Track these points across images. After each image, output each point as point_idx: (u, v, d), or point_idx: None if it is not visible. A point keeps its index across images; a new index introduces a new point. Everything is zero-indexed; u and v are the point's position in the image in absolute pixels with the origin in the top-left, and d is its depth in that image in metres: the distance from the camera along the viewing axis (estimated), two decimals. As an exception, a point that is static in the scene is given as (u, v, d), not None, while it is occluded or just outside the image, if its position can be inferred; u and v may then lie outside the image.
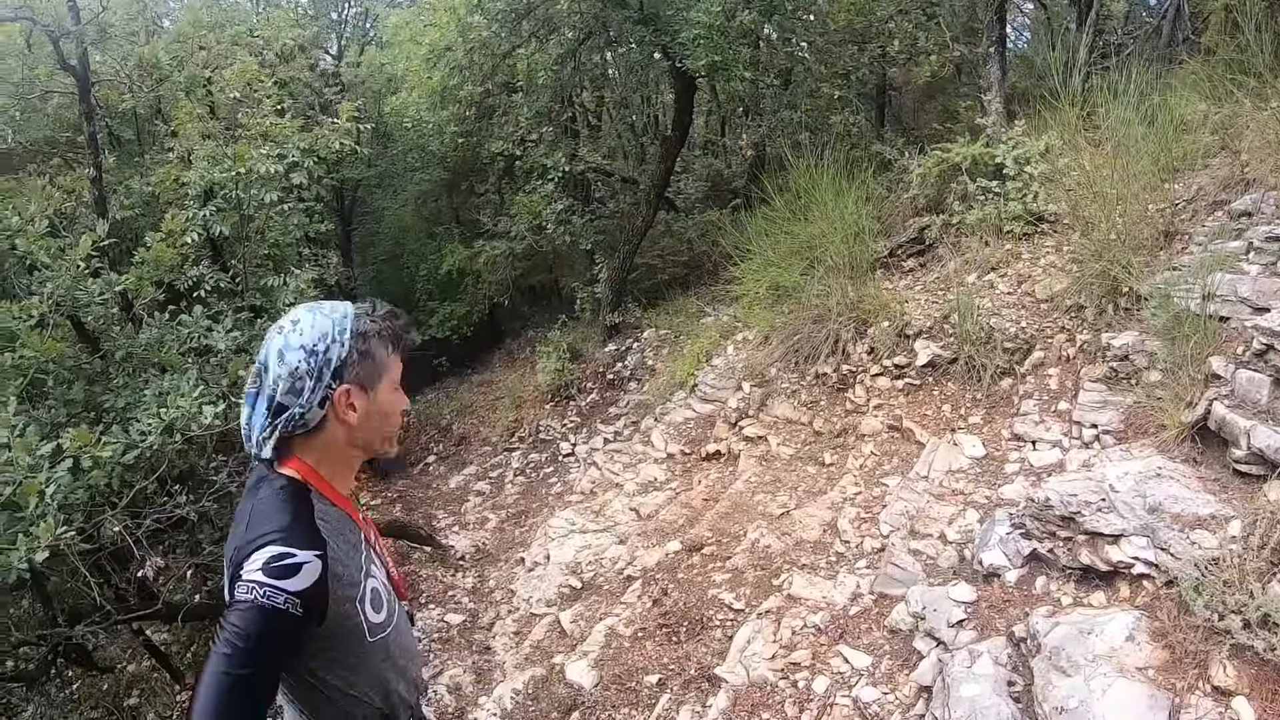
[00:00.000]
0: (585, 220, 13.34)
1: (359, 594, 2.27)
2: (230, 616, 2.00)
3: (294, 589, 2.03)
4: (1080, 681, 3.81)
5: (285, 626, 2.02)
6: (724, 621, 5.96)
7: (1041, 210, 8.01)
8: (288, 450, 2.27)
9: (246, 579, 2.02)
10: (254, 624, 1.98)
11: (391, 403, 2.35)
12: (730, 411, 8.61)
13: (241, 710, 1.94)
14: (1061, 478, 5.18)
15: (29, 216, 6.08)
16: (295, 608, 2.02)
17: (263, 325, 7.80)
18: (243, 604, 2.00)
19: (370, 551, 2.40)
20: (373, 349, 2.27)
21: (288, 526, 2.13)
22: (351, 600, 2.23)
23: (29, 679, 7.59)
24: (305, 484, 2.28)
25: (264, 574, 2.02)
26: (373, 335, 2.28)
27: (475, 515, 10.14)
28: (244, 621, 1.98)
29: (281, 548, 2.07)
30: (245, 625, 1.98)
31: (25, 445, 4.65)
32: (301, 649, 2.13)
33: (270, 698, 2.02)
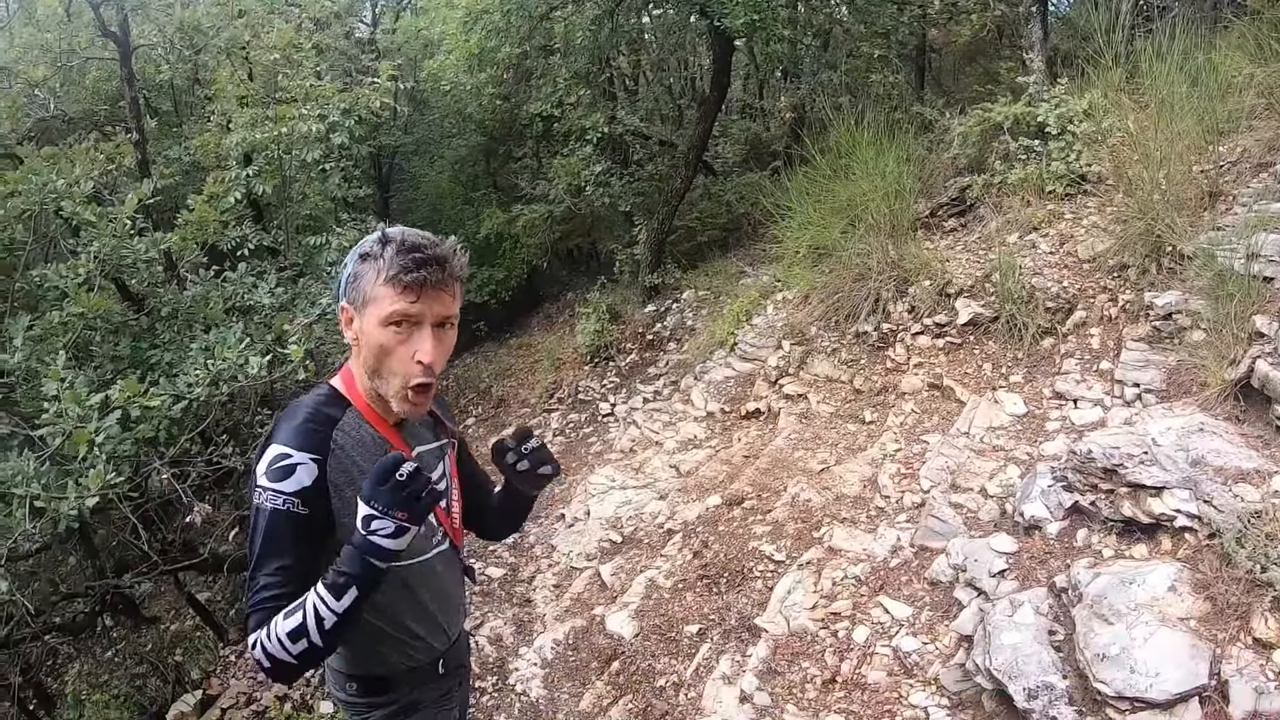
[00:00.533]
0: (624, 183, 13.32)
1: None
2: (250, 515, 2.20)
3: (290, 490, 2.16)
4: (1122, 629, 3.84)
5: (293, 524, 2.16)
6: (764, 573, 6.01)
7: (1084, 170, 7.92)
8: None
9: (256, 482, 2.19)
10: (264, 525, 2.16)
11: (377, 339, 2.19)
12: (770, 370, 8.62)
13: (281, 597, 2.12)
14: (1103, 431, 5.16)
15: (74, 179, 6.14)
16: (296, 506, 2.16)
17: (305, 284, 7.88)
18: (255, 508, 2.18)
19: None
20: (361, 273, 2.20)
21: (295, 428, 2.24)
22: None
23: (77, 630, 7.72)
24: (342, 396, 2.36)
25: (266, 477, 2.17)
26: (368, 259, 2.20)
27: (516, 474, 10.16)
28: (259, 522, 2.16)
29: (282, 448, 2.20)
30: (260, 525, 2.16)
31: (74, 396, 4.73)
32: (320, 541, 2.22)
33: (307, 579, 2.12)
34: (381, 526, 2.02)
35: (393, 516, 2.01)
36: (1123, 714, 3.63)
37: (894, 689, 4.60)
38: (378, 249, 2.17)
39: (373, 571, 2.05)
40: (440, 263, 2.16)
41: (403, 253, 2.14)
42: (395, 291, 2.13)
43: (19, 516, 4.66)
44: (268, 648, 2.06)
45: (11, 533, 4.71)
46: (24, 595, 5.31)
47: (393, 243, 2.16)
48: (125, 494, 5.33)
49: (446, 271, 2.18)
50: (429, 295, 2.16)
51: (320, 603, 2.03)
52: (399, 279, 2.12)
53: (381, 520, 2.01)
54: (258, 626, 2.10)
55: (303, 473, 2.17)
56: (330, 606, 2.03)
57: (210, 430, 6.25)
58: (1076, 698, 3.83)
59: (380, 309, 2.16)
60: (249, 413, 6.78)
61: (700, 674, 5.35)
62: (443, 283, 2.18)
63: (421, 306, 2.16)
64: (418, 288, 2.13)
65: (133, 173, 7.57)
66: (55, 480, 4.79)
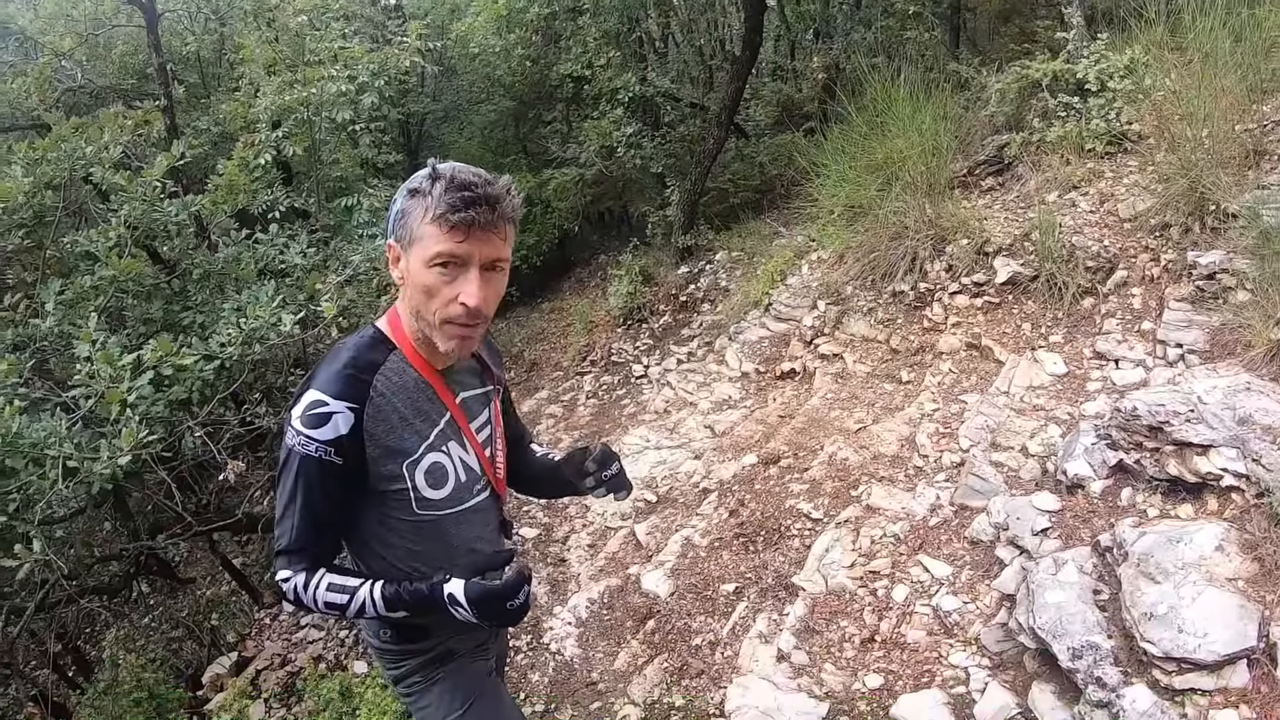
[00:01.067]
0: (655, 144, 13.23)
1: (411, 460, 2.30)
2: (281, 456, 2.23)
3: (324, 438, 2.15)
4: (1169, 589, 3.79)
5: (321, 469, 2.18)
6: (801, 531, 5.98)
7: (1125, 127, 7.78)
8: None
9: (291, 423, 2.19)
10: (295, 468, 2.19)
11: (421, 279, 2.13)
12: (805, 330, 8.54)
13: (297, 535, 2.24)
14: (1148, 389, 5.09)
15: (102, 145, 6.12)
16: (329, 454, 2.16)
17: (336, 245, 7.86)
18: (287, 450, 2.20)
19: (453, 432, 2.40)
20: (408, 210, 2.13)
21: (334, 374, 2.21)
22: (399, 462, 2.27)
23: (112, 593, 7.78)
24: (387, 338, 2.32)
25: (301, 422, 2.17)
26: (417, 195, 2.11)
27: (549, 437, 10.20)
28: (291, 464, 2.20)
29: (318, 394, 2.18)
30: (292, 467, 2.20)
31: (107, 357, 4.73)
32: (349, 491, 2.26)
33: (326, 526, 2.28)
34: (466, 618, 2.19)
35: (484, 621, 2.21)
36: (1169, 675, 3.60)
37: (934, 648, 4.58)
38: (427, 185, 2.09)
39: (429, 612, 2.24)
40: (491, 202, 2.07)
41: (451, 190, 2.05)
42: (442, 231, 2.06)
43: (52, 478, 4.66)
44: (302, 597, 2.23)
45: (45, 494, 4.72)
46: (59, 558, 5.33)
47: (442, 179, 2.07)
48: (159, 455, 5.35)
49: (497, 212, 2.10)
50: (477, 236, 2.08)
51: (370, 602, 2.20)
52: (446, 218, 2.04)
53: (466, 612, 2.19)
54: (287, 567, 2.25)
55: (339, 421, 2.15)
56: (378, 607, 2.21)
57: (243, 391, 6.26)
58: (1122, 658, 3.79)
59: (426, 248, 2.09)
60: (281, 374, 6.78)
61: (737, 633, 5.35)
62: (493, 224, 2.09)
63: (469, 247, 2.08)
64: (465, 228, 2.06)
65: (161, 142, 7.53)
66: (88, 442, 4.79)
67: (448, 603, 2.17)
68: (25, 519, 4.76)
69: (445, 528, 2.40)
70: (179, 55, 11.41)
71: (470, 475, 2.45)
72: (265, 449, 7.21)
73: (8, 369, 4.71)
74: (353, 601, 2.20)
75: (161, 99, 7.76)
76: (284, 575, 2.24)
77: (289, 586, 2.24)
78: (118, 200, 6.15)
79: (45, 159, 6.00)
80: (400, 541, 2.38)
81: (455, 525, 2.43)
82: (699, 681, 5.11)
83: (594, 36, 12.76)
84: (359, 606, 2.20)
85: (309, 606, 2.24)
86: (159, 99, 7.76)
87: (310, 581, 2.22)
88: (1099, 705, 3.61)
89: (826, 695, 4.54)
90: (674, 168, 13.28)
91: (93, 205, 6.97)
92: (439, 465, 2.35)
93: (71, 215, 6.66)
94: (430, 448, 2.33)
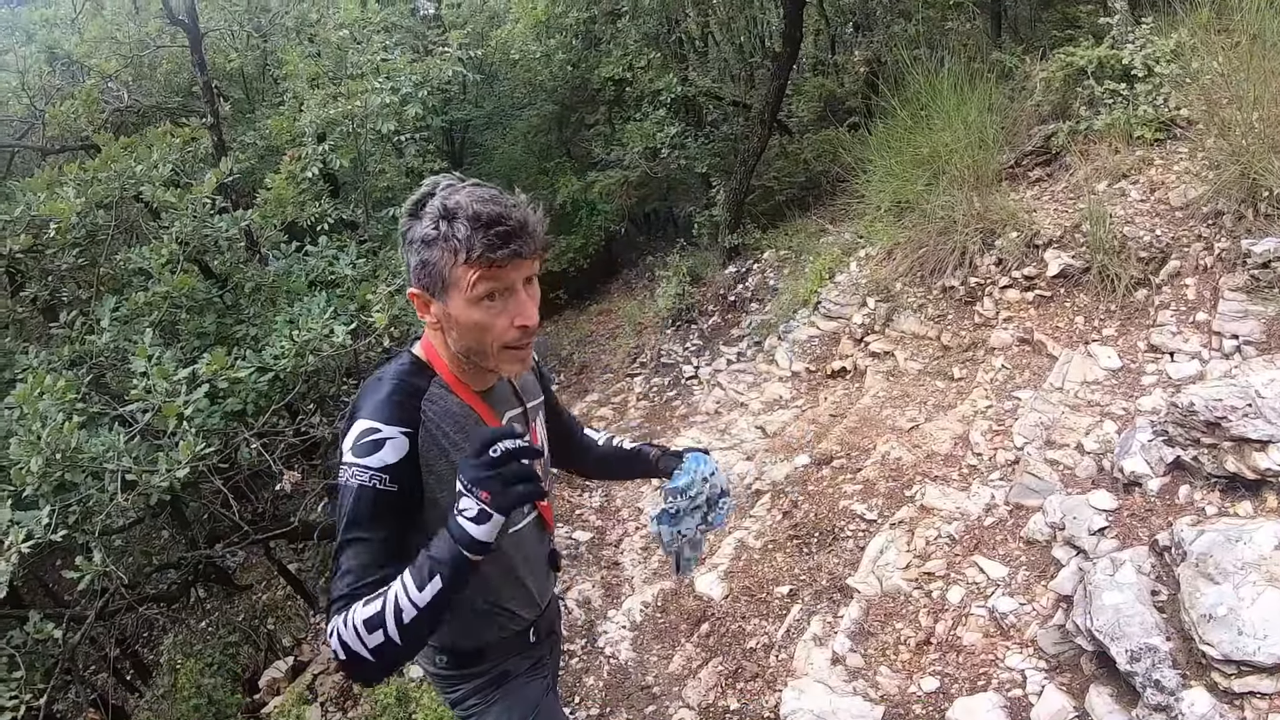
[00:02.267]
0: (699, 144, 13.24)
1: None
2: (338, 499, 2.09)
3: (378, 465, 2.05)
4: (1229, 589, 3.72)
5: (377, 499, 2.05)
6: (855, 532, 5.95)
7: (1173, 114, 7.65)
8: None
9: (343, 460, 2.08)
10: (352, 502, 2.04)
11: (472, 317, 2.06)
12: (855, 328, 8.51)
13: (368, 580, 1.99)
14: (1204, 384, 5.01)
15: (151, 163, 6.21)
16: (384, 482, 2.05)
17: (385, 255, 7.93)
18: (341, 487, 2.07)
19: None
20: (431, 260, 2.02)
21: (381, 401, 2.13)
22: (453, 488, 2.12)
23: (170, 600, 7.91)
24: (427, 365, 2.27)
25: (353, 453, 2.06)
26: (435, 242, 2.01)
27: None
28: (345, 500, 2.05)
29: (369, 422, 2.09)
30: (346, 503, 2.04)
31: (163, 371, 4.81)
32: (412, 521, 2.12)
33: (397, 561, 2.00)
34: (467, 507, 1.88)
35: (475, 495, 1.87)
36: (1228, 678, 3.53)
37: (990, 651, 4.54)
38: (445, 228, 1.99)
39: (459, 561, 1.89)
40: (526, 229, 2.01)
41: (481, 229, 1.96)
42: (482, 270, 1.99)
43: (111, 491, 4.74)
44: (343, 636, 1.91)
45: (104, 506, 4.80)
46: (118, 567, 5.41)
47: (460, 218, 1.98)
48: (215, 466, 5.43)
49: (534, 237, 2.04)
50: (515, 261, 2.02)
51: (402, 591, 1.89)
52: (486, 258, 1.97)
53: (467, 499, 1.88)
54: (338, 613, 1.96)
55: (391, 447, 2.07)
56: (411, 596, 1.88)
57: (296, 402, 6.32)
58: (1180, 660, 3.73)
59: (466, 291, 2.02)
60: (334, 383, 6.85)
61: (791, 635, 5.32)
62: (533, 251, 2.04)
63: (509, 274, 2.03)
64: (507, 262, 2.00)
65: (208, 158, 7.65)
66: (146, 455, 4.86)
67: (455, 512, 1.90)
68: (85, 530, 4.85)
69: (497, 553, 2.34)
70: (223, 72, 11.57)
71: None
72: (319, 457, 7.29)
73: (65, 385, 4.79)
74: (385, 604, 1.90)
75: (208, 116, 7.84)
76: (331, 627, 1.97)
77: (335, 639, 1.95)
78: (169, 217, 6.26)
79: (96, 179, 6.12)
80: None
81: (509, 545, 2.41)
82: (753, 685, 5.10)
83: (634, 39, 12.82)
84: (394, 604, 1.88)
85: (351, 645, 1.91)
86: (205, 116, 7.85)
87: (347, 613, 1.94)
88: (1157, 709, 3.55)
89: (882, 699, 4.51)
90: (718, 167, 13.29)
91: (144, 222, 7.09)
92: None
93: (123, 233, 6.78)
94: None
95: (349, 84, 8.57)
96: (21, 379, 4.95)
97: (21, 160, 9.45)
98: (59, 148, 8.54)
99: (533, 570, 2.52)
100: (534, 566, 2.54)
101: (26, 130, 9.16)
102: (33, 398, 4.66)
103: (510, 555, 2.43)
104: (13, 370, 5.72)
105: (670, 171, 13.73)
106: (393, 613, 1.88)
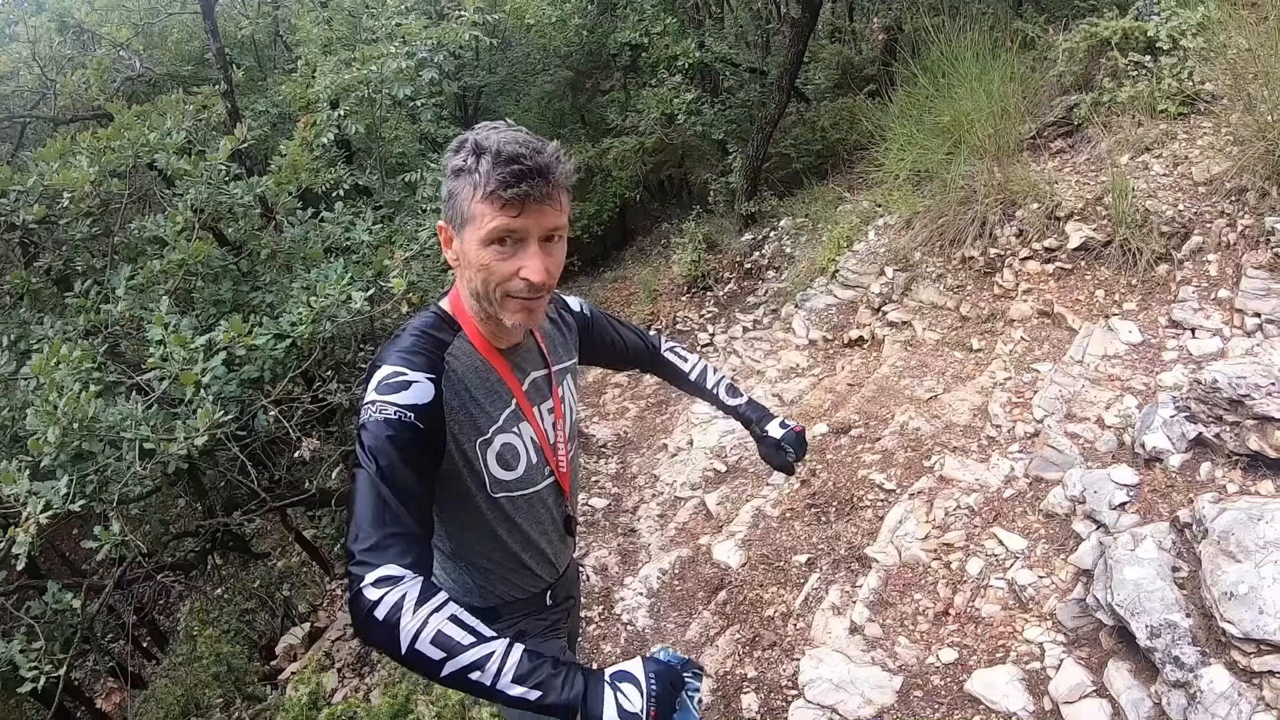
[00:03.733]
0: (716, 111, 13.16)
1: (483, 440, 2.23)
2: (358, 439, 1.98)
3: (405, 403, 1.98)
4: (1250, 568, 3.70)
5: (404, 434, 1.95)
6: (874, 502, 5.96)
7: (1198, 88, 7.57)
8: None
9: (365, 401, 2.02)
10: (373, 437, 1.94)
11: (478, 258, 2.02)
12: (873, 297, 8.48)
13: (387, 518, 1.85)
14: (1227, 361, 4.99)
15: (165, 131, 6.18)
16: (407, 417, 1.97)
17: (401, 220, 7.91)
18: (363, 425, 1.98)
19: (521, 414, 2.34)
20: (456, 191, 2.01)
21: (406, 349, 2.10)
22: (473, 442, 2.19)
23: (188, 568, 7.95)
24: (453, 320, 2.24)
25: (377, 391, 2.00)
26: (463, 174, 1.99)
27: (615, 406, 10.24)
28: (365, 438, 1.95)
29: (394, 367, 2.04)
30: (367, 440, 1.94)
31: (180, 339, 4.79)
32: (434, 474, 2.07)
33: (417, 505, 1.91)
34: (631, 699, 1.75)
35: (648, 699, 1.75)
36: (1248, 657, 3.53)
37: (1008, 623, 4.55)
38: (471, 161, 1.97)
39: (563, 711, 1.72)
40: (543, 173, 1.96)
41: (500, 165, 1.92)
42: (495, 208, 1.95)
43: (129, 460, 4.75)
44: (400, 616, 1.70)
45: (122, 475, 4.80)
46: (136, 536, 5.43)
47: (487, 153, 1.95)
48: (233, 434, 5.43)
49: (550, 182, 1.98)
50: (532, 209, 1.97)
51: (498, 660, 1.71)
52: (498, 195, 1.93)
53: (638, 696, 1.76)
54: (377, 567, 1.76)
55: (419, 389, 2.02)
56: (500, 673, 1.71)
57: (313, 369, 6.32)
58: (1200, 638, 3.73)
59: (480, 227, 1.98)
60: (351, 350, 6.84)
61: (809, 604, 5.34)
62: (547, 195, 1.98)
63: (525, 221, 1.98)
64: (519, 202, 1.95)
65: (221, 126, 7.64)
66: (163, 424, 4.86)
67: (609, 698, 1.73)
68: (103, 499, 4.86)
69: (518, 510, 2.36)
70: (234, 40, 11.55)
71: (541, 457, 2.41)
72: (336, 424, 7.29)
73: (82, 355, 4.78)
74: (472, 649, 1.71)
75: (221, 83, 7.81)
76: (377, 577, 1.74)
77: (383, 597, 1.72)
78: (183, 185, 6.24)
79: (110, 147, 6.09)
80: (466, 534, 2.35)
81: (527, 507, 2.39)
82: (771, 653, 5.12)
83: (650, 4, 12.70)
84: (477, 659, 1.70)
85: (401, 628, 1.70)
86: (218, 84, 7.82)
87: (428, 598, 1.73)
88: (1176, 685, 3.56)
89: (900, 669, 4.53)
90: (735, 134, 13.22)
91: (158, 191, 7.07)
92: (510, 446, 2.30)
93: (137, 202, 6.76)
94: (500, 430, 2.26)
95: (364, 49, 8.53)
96: (37, 349, 4.95)
97: (34, 131, 9.44)
98: (71, 117, 8.53)
99: (547, 533, 2.50)
100: (549, 529, 2.52)
101: (38, 100, 9.16)
102: (49, 368, 4.64)
103: (527, 516, 2.42)
104: (29, 341, 5.74)
105: (686, 138, 13.67)
106: (470, 661, 1.71)
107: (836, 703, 4.39)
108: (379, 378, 2.03)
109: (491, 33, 14.10)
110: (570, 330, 2.67)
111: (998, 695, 4.10)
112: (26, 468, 4.58)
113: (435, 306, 2.28)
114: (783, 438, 2.90)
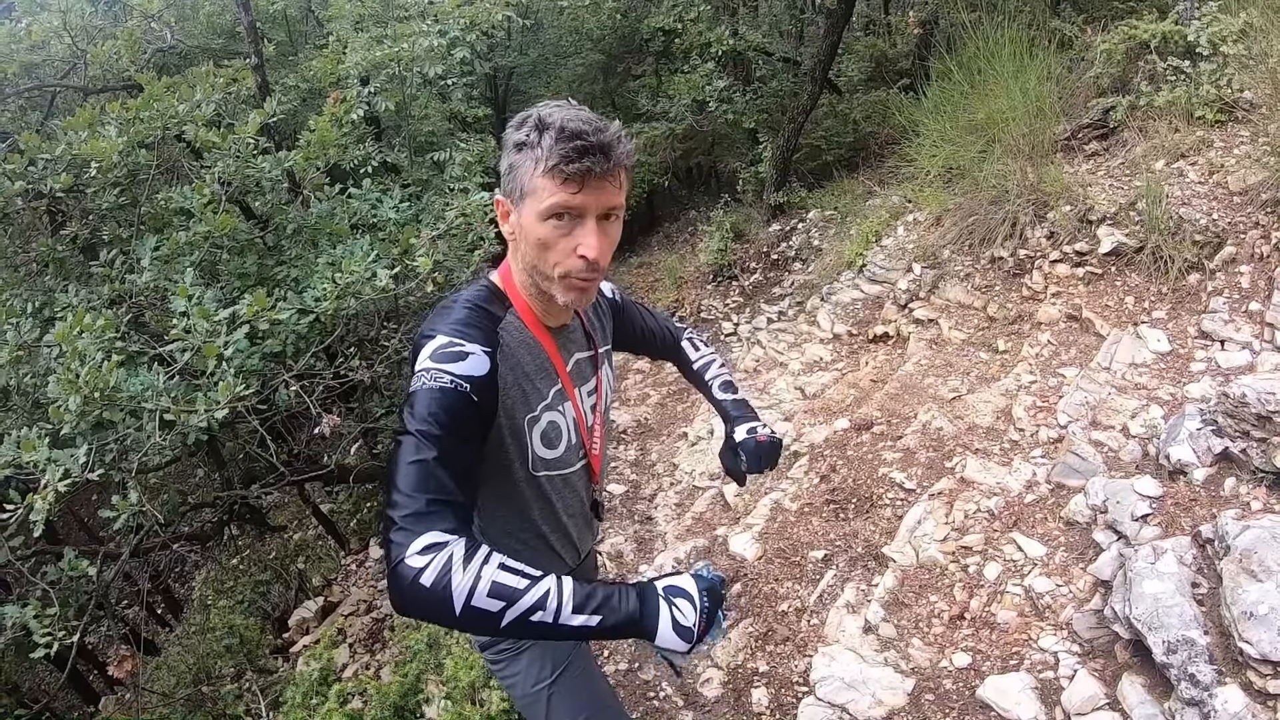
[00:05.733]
0: (747, 99, 13.09)
1: (533, 417, 2.26)
2: (406, 406, 1.96)
3: (461, 373, 1.98)
4: (1271, 588, 3.67)
5: (458, 404, 1.95)
6: (894, 501, 5.93)
7: (1237, 95, 7.48)
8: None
9: (418, 369, 2.00)
10: (425, 404, 1.92)
11: (536, 233, 2.03)
12: (900, 293, 8.45)
13: (431, 484, 1.82)
14: (1256, 376, 4.94)
15: (194, 103, 6.18)
16: (463, 388, 1.96)
17: (429, 199, 7.89)
18: (414, 392, 1.96)
19: (565, 394, 2.37)
20: (517, 164, 2.02)
21: (460, 320, 2.10)
22: (523, 418, 2.21)
23: (204, 539, 8.00)
24: (504, 294, 2.26)
25: (433, 359, 1.99)
26: (525, 148, 2.00)
27: (636, 392, 10.23)
28: (417, 404, 1.93)
29: (450, 338, 2.04)
30: (417, 406, 1.92)
31: (203, 312, 4.79)
32: (479, 437, 2.05)
33: (463, 474, 1.89)
34: (685, 613, 1.82)
35: (699, 613, 1.83)
36: (1264, 678, 3.49)
37: (1023, 630, 4.52)
38: (534, 136, 1.98)
39: (628, 627, 1.78)
40: (604, 151, 1.96)
41: (563, 141, 1.93)
42: (555, 183, 1.96)
43: (149, 430, 4.75)
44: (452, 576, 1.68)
45: (142, 445, 4.81)
46: (154, 506, 5.44)
47: (550, 129, 1.96)
48: (253, 407, 5.44)
49: (611, 160, 1.98)
50: (592, 186, 1.98)
51: (554, 594, 1.73)
52: (559, 170, 1.94)
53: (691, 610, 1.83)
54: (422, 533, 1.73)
55: (475, 361, 2.02)
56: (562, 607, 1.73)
57: (336, 345, 6.33)
58: (1217, 656, 3.69)
59: (539, 201, 1.99)
60: (374, 327, 6.85)
61: (824, 601, 5.32)
62: (608, 173, 1.98)
63: (584, 198, 1.98)
64: (580, 179, 1.95)
65: (251, 99, 7.62)
66: (184, 395, 4.87)
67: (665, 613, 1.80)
68: (122, 469, 4.87)
69: (551, 489, 2.39)
70: (265, 14, 11.53)
71: (579, 438, 2.45)
72: (357, 401, 7.30)
73: (105, 324, 4.77)
74: (532, 590, 1.71)
75: (251, 57, 7.79)
76: (423, 545, 1.71)
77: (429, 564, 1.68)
78: (211, 157, 6.23)
79: (139, 118, 6.08)
80: (498, 511, 2.35)
81: (560, 487, 2.42)
82: (784, 648, 5.11)
83: (684, -12, 12.64)
84: (537, 600, 1.71)
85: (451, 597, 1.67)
86: (249, 57, 7.80)
87: (474, 553, 1.72)
88: (1190, 703, 3.53)
89: (913, 671, 4.51)
90: (766, 123, 13.15)
91: (186, 163, 7.07)
92: (555, 425, 2.33)
93: (165, 173, 6.76)
94: (548, 407, 2.30)
95: (396, 27, 8.51)
96: (61, 317, 4.95)
97: (63, 100, 9.44)
98: (101, 87, 8.53)
99: (574, 515, 2.52)
100: (577, 513, 2.54)
101: (68, 70, 9.15)
102: (72, 336, 4.65)
103: (561, 496, 2.44)
104: (52, 309, 5.74)
105: (716, 126, 13.61)
106: (531, 604, 1.71)
107: (847, 702, 4.37)
108: (434, 346, 2.03)
109: (524, 14, 14.09)
110: (606, 315, 2.70)
111: (1010, 703, 4.07)
112: (47, 435, 4.59)
113: (485, 279, 2.30)
114: (741, 443, 2.83)
